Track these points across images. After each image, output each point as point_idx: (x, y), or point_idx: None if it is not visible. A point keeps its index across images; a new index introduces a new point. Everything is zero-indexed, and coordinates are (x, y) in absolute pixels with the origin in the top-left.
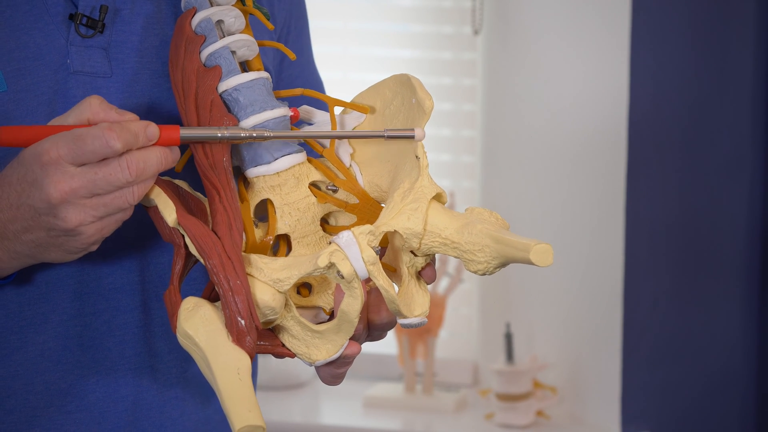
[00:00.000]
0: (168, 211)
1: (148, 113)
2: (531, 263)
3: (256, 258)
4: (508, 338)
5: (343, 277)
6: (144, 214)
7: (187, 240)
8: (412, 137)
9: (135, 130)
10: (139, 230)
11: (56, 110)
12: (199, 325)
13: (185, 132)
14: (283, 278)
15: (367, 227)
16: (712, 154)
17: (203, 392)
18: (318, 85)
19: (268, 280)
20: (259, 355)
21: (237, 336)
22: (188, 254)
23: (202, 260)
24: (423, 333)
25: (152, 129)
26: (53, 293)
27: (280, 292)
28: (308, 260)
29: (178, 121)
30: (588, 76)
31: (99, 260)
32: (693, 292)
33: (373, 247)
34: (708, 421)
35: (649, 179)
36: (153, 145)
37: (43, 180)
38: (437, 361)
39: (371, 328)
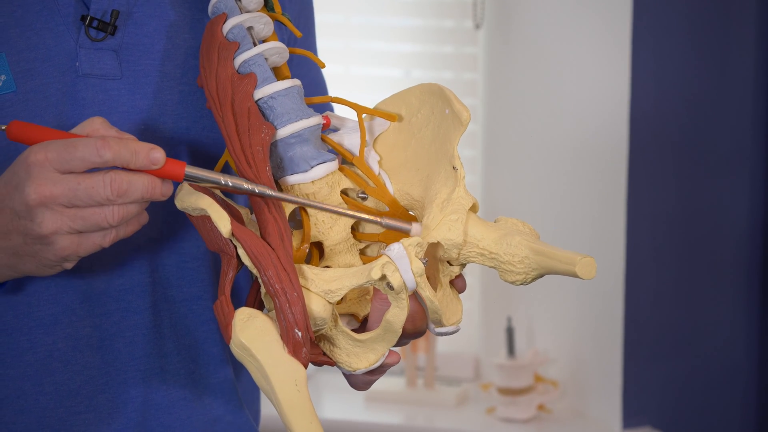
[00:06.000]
0: (223, 222)
1: (157, 115)
2: (576, 276)
3: (306, 269)
4: (510, 332)
5: (392, 289)
6: (154, 216)
7: (240, 251)
8: (408, 231)
9: (135, 148)
10: (148, 231)
11: (65, 113)
12: (255, 336)
13: (191, 170)
14: (334, 289)
15: (416, 239)
16: (713, 151)
17: (212, 393)
18: (322, 81)
19: (320, 291)
20: None
21: (293, 348)
22: (239, 264)
23: (256, 272)
24: None
25: (157, 153)
26: (63, 294)
27: (330, 303)
28: (360, 272)
29: (187, 122)
30: (589, 71)
31: (109, 261)
32: (694, 287)
33: (420, 258)
34: (709, 416)
35: (650, 175)
36: (152, 172)
37: (26, 182)
38: (439, 356)
39: (401, 335)
